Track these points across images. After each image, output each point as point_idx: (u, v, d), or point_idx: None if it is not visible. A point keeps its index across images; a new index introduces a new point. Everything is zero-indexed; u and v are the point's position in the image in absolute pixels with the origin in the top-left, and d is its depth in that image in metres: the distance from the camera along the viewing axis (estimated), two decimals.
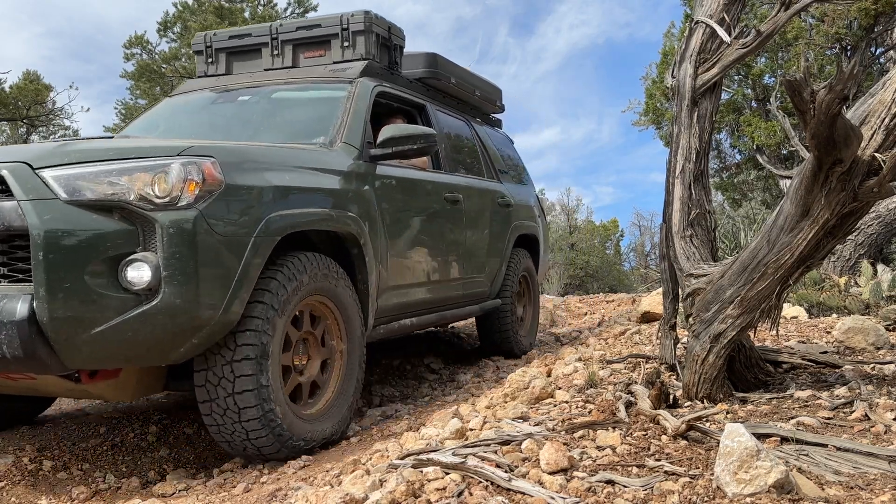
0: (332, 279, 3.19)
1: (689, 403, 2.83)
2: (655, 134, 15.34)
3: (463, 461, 2.02)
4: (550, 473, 1.96)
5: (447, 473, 1.98)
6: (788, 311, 5.05)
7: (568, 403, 2.90)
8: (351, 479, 2.21)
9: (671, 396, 2.73)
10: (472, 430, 2.65)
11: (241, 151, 2.97)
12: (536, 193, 6.46)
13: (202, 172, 2.64)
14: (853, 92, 2.22)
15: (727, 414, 2.62)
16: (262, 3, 21.13)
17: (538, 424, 2.52)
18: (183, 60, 20.51)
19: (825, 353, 3.56)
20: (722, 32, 3.18)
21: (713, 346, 2.80)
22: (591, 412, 2.66)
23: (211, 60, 4.71)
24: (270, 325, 2.80)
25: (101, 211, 2.52)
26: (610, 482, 1.90)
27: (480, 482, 1.92)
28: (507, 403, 3.11)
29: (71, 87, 29.80)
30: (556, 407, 2.88)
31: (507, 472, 1.97)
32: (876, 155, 2.40)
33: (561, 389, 3.19)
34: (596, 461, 2.08)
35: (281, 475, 2.75)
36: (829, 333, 4.24)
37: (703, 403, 2.80)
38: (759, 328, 2.92)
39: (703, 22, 3.28)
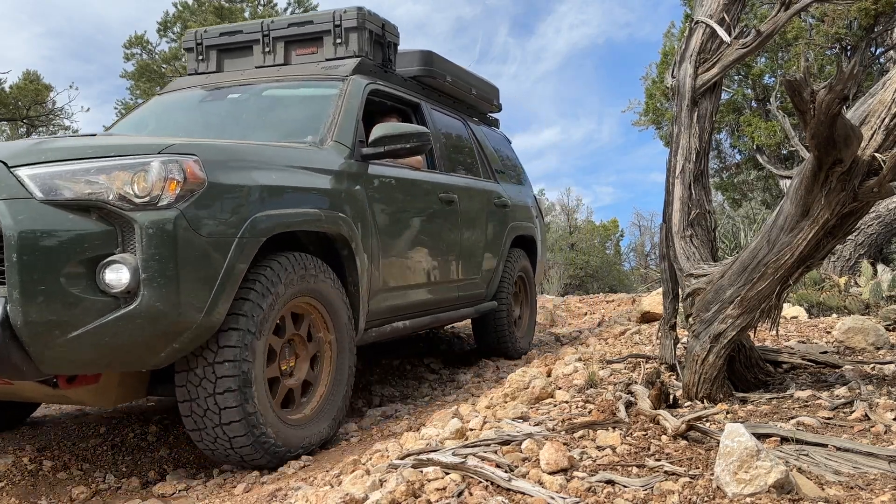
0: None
1: (689, 403, 2.83)
2: (655, 134, 15.37)
3: (463, 461, 2.02)
4: (550, 473, 1.96)
5: (447, 473, 1.98)
6: (788, 311, 5.05)
7: (568, 403, 2.90)
8: (351, 479, 2.21)
9: (671, 396, 2.73)
10: (472, 430, 2.65)
11: (225, 149, 2.88)
12: (534, 194, 6.39)
13: (183, 171, 2.56)
14: (853, 92, 2.22)
15: (727, 414, 2.62)
16: (262, 2, 21.13)
17: (538, 424, 2.52)
18: (183, 60, 20.51)
19: (825, 353, 3.56)
20: (722, 32, 3.18)
21: (713, 346, 2.80)
22: (591, 412, 2.65)
23: (202, 58, 4.63)
24: (254, 328, 2.72)
25: (78, 211, 2.43)
26: (610, 482, 1.90)
27: (480, 482, 1.91)
28: (507, 403, 3.11)
29: (71, 87, 29.80)
30: (556, 407, 2.88)
31: (507, 472, 1.97)
32: (876, 155, 2.40)
33: (561, 389, 3.19)
34: (596, 461, 2.08)
35: (281, 475, 2.75)
36: (829, 333, 4.24)
37: (703, 403, 2.80)
38: (759, 328, 2.92)
39: (703, 22, 3.28)
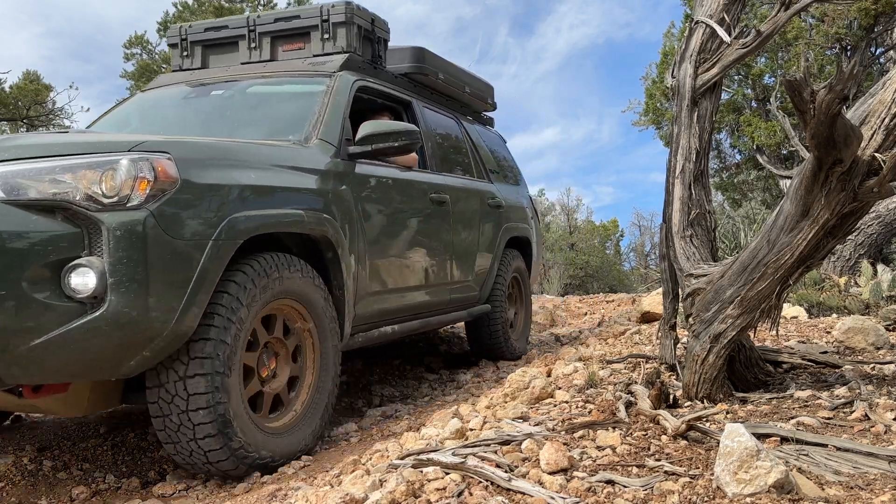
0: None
1: (689, 403, 2.83)
2: (655, 134, 15.37)
3: (463, 461, 2.02)
4: (550, 473, 1.96)
5: (447, 473, 1.98)
6: (788, 311, 5.05)
7: (568, 403, 2.90)
8: (351, 479, 2.21)
9: (671, 396, 2.73)
10: (472, 430, 2.65)
11: (201, 147, 2.77)
12: (530, 194, 6.27)
13: (154, 169, 2.43)
14: (853, 92, 2.22)
15: (727, 414, 2.62)
16: (262, 2, 21.13)
17: (538, 424, 2.52)
18: None
19: (825, 353, 3.56)
20: (722, 32, 3.18)
21: (713, 346, 2.80)
22: (591, 412, 2.65)
23: (186, 54, 4.51)
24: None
25: (42, 211, 2.32)
26: (610, 482, 1.90)
27: (480, 482, 1.91)
28: (507, 403, 3.11)
29: (71, 87, 29.64)
30: (556, 407, 2.88)
31: (507, 472, 1.97)
32: (876, 155, 2.40)
33: (561, 389, 3.19)
34: (596, 461, 2.08)
35: (281, 475, 2.75)
36: (829, 333, 4.24)
37: (703, 403, 2.80)
38: (759, 328, 2.92)
39: (703, 22, 3.28)
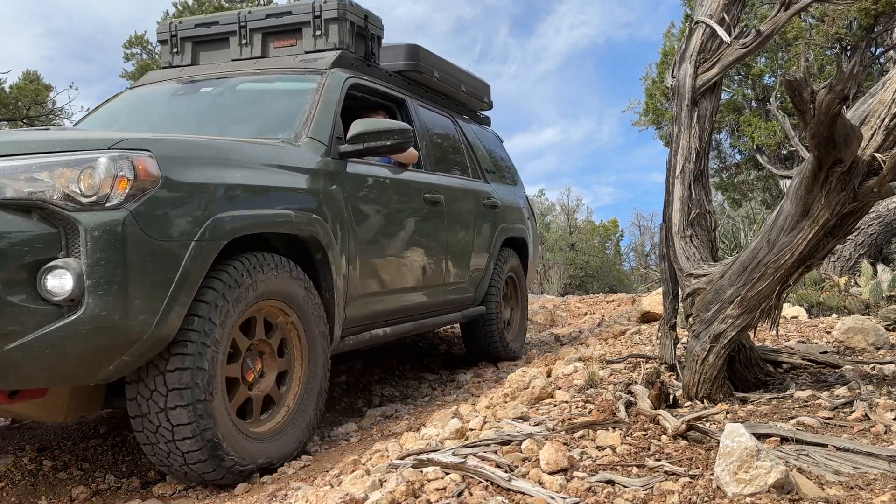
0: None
1: (689, 403, 2.83)
2: (655, 134, 15.36)
3: (463, 461, 2.02)
4: (550, 473, 1.96)
5: (447, 473, 1.98)
6: (788, 311, 5.05)
7: (568, 403, 2.90)
8: (351, 479, 2.21)
9: (671, 396, 2.73)
10: (472, 430, 2.65)
11: (185, 145, 2.70)
12: (526, 194, 6.21)
13: (135, 168, 2.36)
14: (853, 92, 2.22)
15: (727, 414, 2.62)
16: (261, 2, 21.14)
17: (538, 424, 2.52)
18: None
19: (825, 353, 3.56)
20: (722, 32, 3.18)
21: (713, 346, 2.80)
22: (591, 412, 2.65)
23: (176, 50, 4.43)
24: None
25: (18, 211, 2.25)
26: (610, 482, 1.90)
27: (480, 482, 1.91)
28: (507, 403, 3.11)
29: (71, 87, 29.57)
30: (556, 407, 2.88)
31: (507, 472, 1.97)
32: (876, 155, 2.40)
33: (561, 389, 3.19)
34: (596, 461, 2.08)
35: (281, 475, 2.75)
36: (829, 333, 4.24)
37: (703, 403, 2.80)
38: (759, 328, 2.92)
39: (703, 22, 3.28)
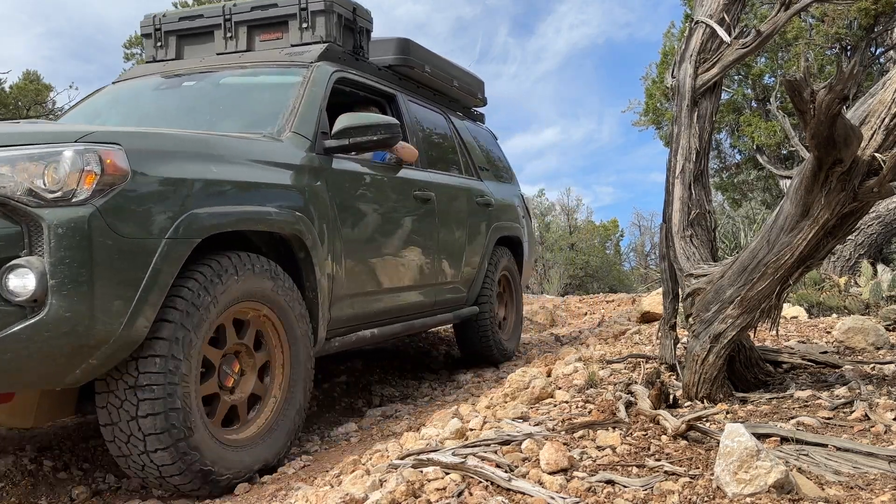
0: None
1: (689, 403, 2.83)
2: (655, 134, 15.37)
3: (463, 461, 2.02)
4: (550, 473, 1.96)
5: (447, 473, 1.98)
6: (788, 311, 5.05)
7: (568, 403, 2.90)
8: (351, 479, 2.21)
9: (671, 396, 2.73)
10: (472, 430, 2.65)
11: (157, 139, 2.61)
12: (521, 192, 6.10)
13: (102, 162, 2.26)
14: (853, 92, 2.22)
15: (727, 414, 2.62)
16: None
17: (538, 424, 2.52)
18: None
19: (825, 353, 3.56)
20: (722, 32, 3.18)
21: (713, 346, 2.80)
22: (591, 412, 2.65)
23: (160, 44, 4.34)
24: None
25: None
26: (610, 482, 1.90)
27: (480, 482, 1.91)
28: (507, 403, 3.11)
29: (71, 87, 29.58)
30: (556, 407, 2.88)
31: (507, 472, 1.97)
32: (876, 155, 2.40)
33: (561, 389, 3.19)
34: (596, 461, 2.08)
35: (281, 475, 2.75)
36: (829, 333, 4.24)
37: (703, 403, 2.80)
38: (759, 328, 2.92)
39: (703, 22, 3.28)
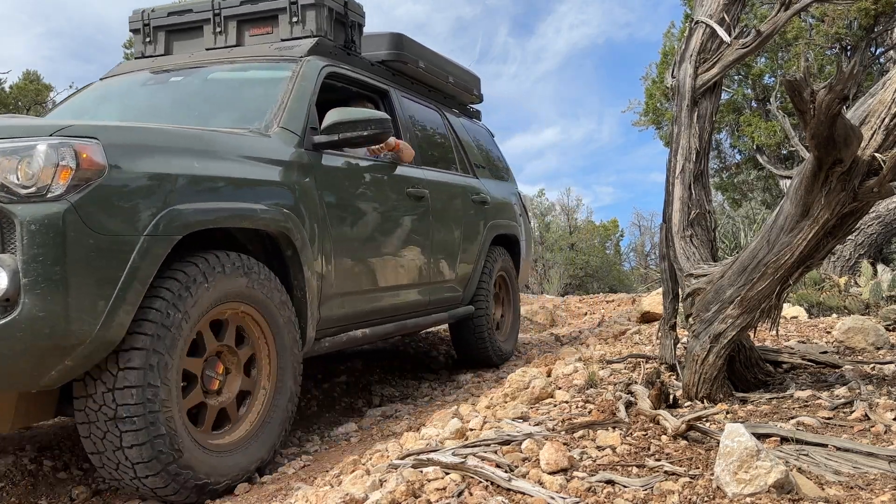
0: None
1: (689, 403, 2.83)
2: (655, 134, 15.37)
3: (463, 461, 2.02)
4: (550, 473, 1.96)
5: (447, 473, 1.98)
6: (788, 311, 5.05)
7: (568, 403, 2.90)
8: (351, 479, 2.21)
9: (671, 396, 2.73)
10: (472, 430, 2.65)
11: (137, 133, 2.55)
12: (518, 190, 6.02)
13: (77, 156, 2.20)
14: (853, 92, 2.22)
15: (727, 414, 2.62)
16: None
17: (538, 424, 2.52)
18: None
19: (825, 353, 3.56)
20: (722, 32, 3.18)
21: (713, 346, 2.80)
22: (591, 412, 2.65)
23: (149, 40, 4.29)
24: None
25: None
26: (610, 482, 1.90)
27: (480, 482, 1.92)
28: (507, 403, 3.11)
29: (71, 87, 29.56)
30: (556, 407, 2.88)
31: (507, 472, 1.97)
32: (876, 155, 2.40)
33: (561, 389, 3.19)
34: (596, 461, 2.08)
35: (281, 475, 2.75)
36: (829, 333, 4.24)
37: (703, 403, 2.80)
38: (759, 328, 2.92)
39: (703, 22, 3.28)
